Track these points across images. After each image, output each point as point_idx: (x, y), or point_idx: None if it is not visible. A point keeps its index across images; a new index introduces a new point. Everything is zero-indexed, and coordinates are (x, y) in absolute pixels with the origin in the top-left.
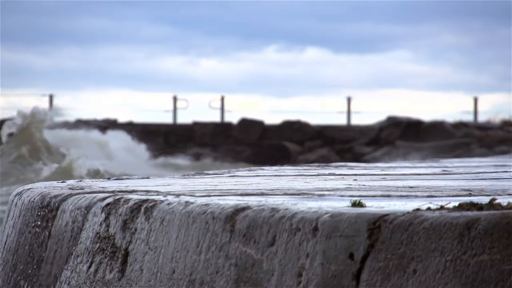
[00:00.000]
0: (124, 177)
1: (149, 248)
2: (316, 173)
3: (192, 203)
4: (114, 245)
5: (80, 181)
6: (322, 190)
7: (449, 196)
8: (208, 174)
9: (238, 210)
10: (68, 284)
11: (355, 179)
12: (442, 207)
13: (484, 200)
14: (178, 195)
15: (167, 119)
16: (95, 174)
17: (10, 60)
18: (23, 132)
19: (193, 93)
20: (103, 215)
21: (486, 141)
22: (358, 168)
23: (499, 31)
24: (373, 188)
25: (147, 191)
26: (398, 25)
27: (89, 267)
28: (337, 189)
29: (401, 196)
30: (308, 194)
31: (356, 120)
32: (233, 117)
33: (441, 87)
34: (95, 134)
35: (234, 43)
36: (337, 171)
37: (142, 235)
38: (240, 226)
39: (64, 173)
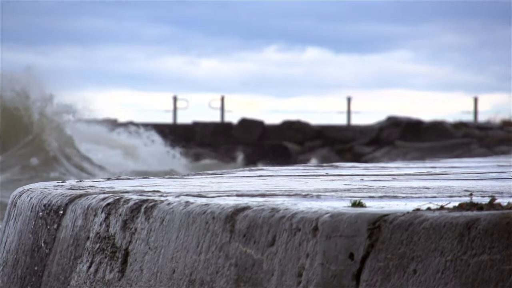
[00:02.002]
0: (124, 177)
1: (149, 248)
2: (314, 174)
3: (192, 203)
4: (114, 245)
5: (81, 181)
6: (320, 191)
7: (449, 196)
8: (208, 174)
9: (238, 210)
10: (68, 284)
11: (362, 179)
12: (442, 207)
13: (484, 200)
14: (178, 195)
15: (167, 119)
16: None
17: (10, 60)
18: (34, 140)
19: (193, 93)
20: (103, 215)
21: (486, 141)
22: (358, 168)
23: (499, 31)
24: (373, 188)
25: (147, 191)
26: (398, 25)
27: (89, 267)
28: (337, 190)
29: (401, 196)
30: (308, 195)
31: (356, 120)
32: (233, 117)
33: (441, 87)
34: (121, 135)
35: (234, 43)
36: (337, 172)
37: (142, 235)
38: (240, 226)
39: None
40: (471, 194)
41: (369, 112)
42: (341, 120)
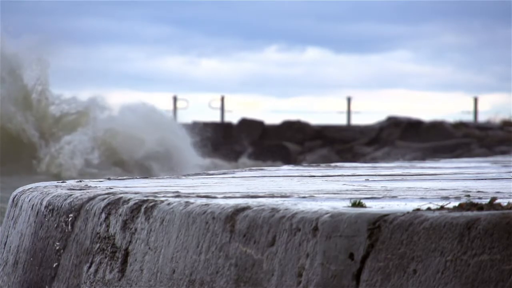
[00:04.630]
0: (125, 177)
1: (149, 248)
2: (314, 174)
3: (192, 203)
4: (114, 245)
5: (80, 181)
6: (320, 192)
7: (449, 196)
8: (208, 174)
9: (238, 210)
10: (68, 284)
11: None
12: (442, 207)
13: (484, 200)
14: (178, 195)
15: None
16: None
17: None
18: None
19: (193, 93)
20: (103, 215)
21: (486, 141)
22: (358, 168)
23: (499, 31)
24: (372, 188)
25: (147, 191)
26: (398, 25)
27: (89, 267)
28: (337, 190)
29: (401, 196)
30: (307, 195)
31: (356, 120)
32: (233, 117)
33: (441, 87)
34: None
35: (234, 43)
36: (336, 172)
37: (142, 235)
38: (240, 226)
39: None
40: (468, 195)
41: (369, 112)
42: (341, 120)
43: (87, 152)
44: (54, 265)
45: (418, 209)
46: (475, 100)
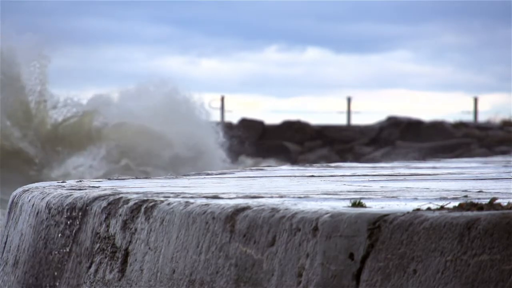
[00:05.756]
0: (125, 177)
1: (149, 248)
2: (314, 174)
3: (192, 203)
4: (114, 245)
5: (81, 181)
6: (320, 192)
7: (448, 197)
8: (208, 174)
9: (238, 210)
10: (68, 284)
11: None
12: (442, 207)
13: (484, 200)
14: (178, 195)
15: None
16: None
17: None
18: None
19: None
20: (103, 215)
21: (486, 141)
22: (358, 168)
23: (499, 31)
24: (372, 188)
25: (147, 192)
26: (398, 25)
27: (89, 267)
28: (337, 190)
29: (401, 196)
30: (307, 196)
31: (356, 120)
32: (233, 117)
33: (441, 87)
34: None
35: (234, 43)
36: (336, 172)
37: (142, 235)
38: (240, 226)
39: None
40: (466, 196)
41: (369, 112)
42: (341, 120)
43: (99, 175)
44: (54, 265)
45: (418, 209)
46: (475, 100)
